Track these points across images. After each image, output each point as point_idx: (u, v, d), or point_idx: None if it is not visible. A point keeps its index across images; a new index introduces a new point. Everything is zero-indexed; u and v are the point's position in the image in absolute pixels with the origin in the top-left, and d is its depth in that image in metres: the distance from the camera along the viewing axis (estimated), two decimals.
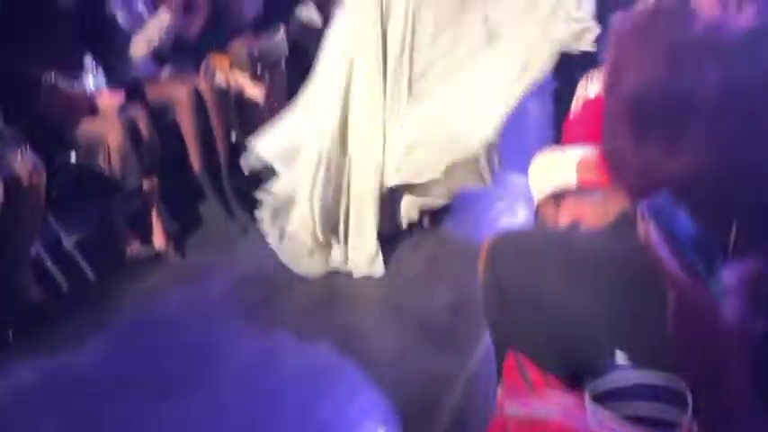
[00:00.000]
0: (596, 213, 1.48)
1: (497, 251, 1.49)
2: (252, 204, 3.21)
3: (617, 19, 1.22)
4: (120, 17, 2.88)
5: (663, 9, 1.17)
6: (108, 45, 2.73)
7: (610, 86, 1.20)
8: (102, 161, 2.52)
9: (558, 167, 1.83)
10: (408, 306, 2.62)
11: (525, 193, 2.25)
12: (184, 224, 3.03)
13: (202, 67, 3.03)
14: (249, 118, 3.22)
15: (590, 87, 2.58)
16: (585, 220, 1.53)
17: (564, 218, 1.59)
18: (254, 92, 3.11)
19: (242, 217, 3.06)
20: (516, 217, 3.19)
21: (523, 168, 2.46)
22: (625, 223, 1.42)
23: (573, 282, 1.31)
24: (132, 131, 2.60)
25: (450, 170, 2.67)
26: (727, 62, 1.06)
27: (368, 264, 2.75)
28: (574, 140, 2.15)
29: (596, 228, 1.47)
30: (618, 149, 1.16)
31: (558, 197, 1.69)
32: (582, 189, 1.67)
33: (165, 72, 2.98)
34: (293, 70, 3.49)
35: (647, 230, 0.84)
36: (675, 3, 1.25)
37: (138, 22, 2.94)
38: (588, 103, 2.44)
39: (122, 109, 2.60)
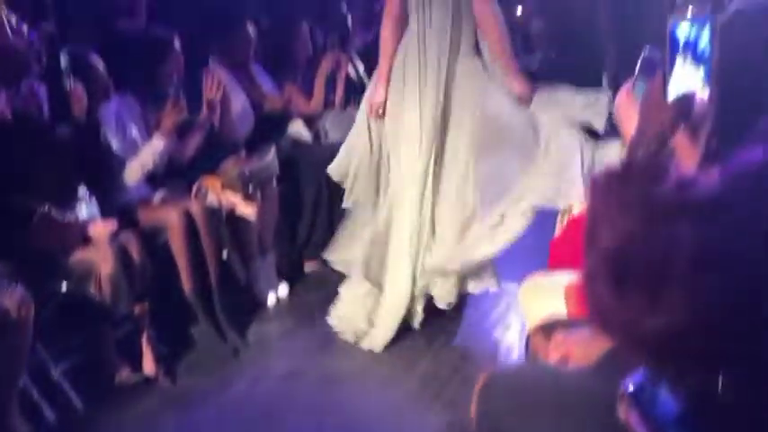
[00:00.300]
0: (583, 351, 1.49)
1: (492, 389, 1.49)
2: (243, 324, 3.20)
3: (593, 174, 1.27)
4: (115, 144, 2.96)
5: (635, 165, 1.21)
6: (102, 173, 2.79)
7: (588, 241, 1.22)
8: (93, 289, 2.53)
9: (547, 295, 1.84)
10: (406, 427, 2.57)
11: (517, 302, 2.27)
12: (175, 347, 3.00)
13: (194, 188, 3.09)
14: (241, 235, 3.25)
15: (575, 206, 2.64)
16: (573, 357, 1.53)
17: (553, 353, 1.59)
18: (246, 210, 3.16)
19: (233, 338, 3.03)
20: (510, 329, 3.18)
21: (515, 276, 2.47)
22: (609, 365, 1.42)
23: (563, 429, 1.30)
24: (124, 257, 2.61)
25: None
26: (700, 220, 1.09)
27: (377, 337, 2.99)
28: (560, 262, 2.18)
29: (583, 367, 1.47)
30: (599, 303, 1.17)
31: (547, 329, 1.69)
32: (570, 320, 1.68)
33: (158, 195, 3.02)
34: (284, 185, 3.56)
35: (627, 410, 0.84)
36: (647, 159, 1.30)
37: (133, 147, 3.01)
38: (573, 222, 2.48)
39: (114, 236, 2.63)
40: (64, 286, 2.55)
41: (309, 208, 3.62)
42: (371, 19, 5.46)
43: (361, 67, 4.53)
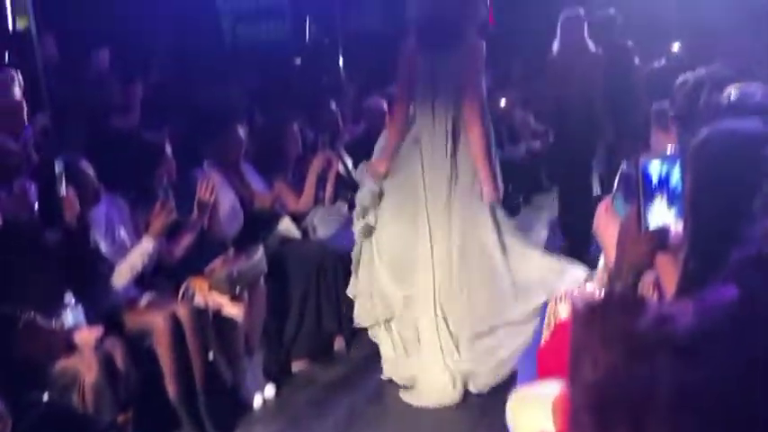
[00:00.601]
0: None
1: None
2: (229, 428, 3.13)
3: (574, 305, 1.29)
4: (104, 247, 2.97)
5: (614, 299, 1.24)
6: (90, 279, 2.79)
7: (571, 372, 1.23)
8: (76, 399, 2.48)
9: (534, 409, 1.82)
10: None
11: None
12: None
13: (181, 290, 3.09)
14: (227, 336, 3.22)
15: (560, 307, 2.65)
16: None
17: None
18: (233, 311, 3.14)
19: None
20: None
21: None
22: None
23: None
24: (108, 365, 2.58)
25: None
26: (679, 356, 1.10)
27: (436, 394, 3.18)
28: (549, 370, 2.17)
29: None
30: None
31: None
32: None
33: (145, 298, 3.01)
34: (272, 282, 3.56)
35: None
36: (626, 292, 1.33)
37: (122, 249, 3.02)
38: (560, 327, 2.48)
39: (99, 342, 2.60)
40: (45, 396, 2.50)
41: (297, 305, 3.61)
42: (360, 114, 5.63)
43: (349, 162, 4.62)
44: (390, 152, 3.25)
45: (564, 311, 2.60)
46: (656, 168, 1.32)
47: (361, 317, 3.42)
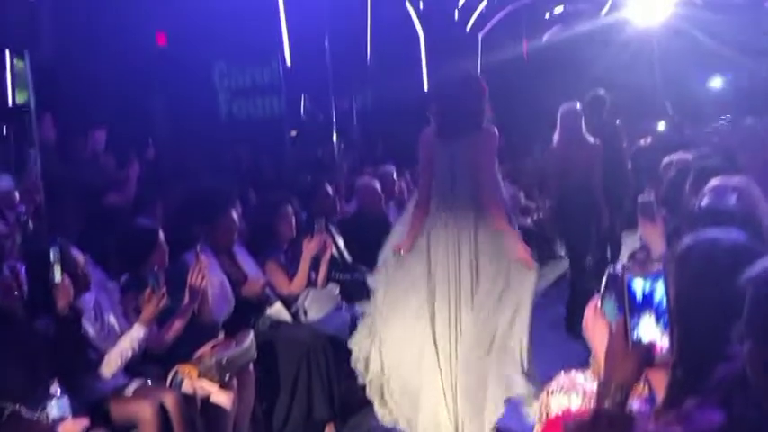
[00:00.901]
0: None
1: None
2: None
3: (566, 424, 1.30)
4: (93, 333, 2.94)
5: (603, 419, 1.24)
6: (78, 369, 2.76)
7: None
8: None
9: None
10: None
11: None
12: None
13: (170, 376, 3.04)
14: (215, 423, 3.15)
15: (552, 400, 2.63)
16: None
17: None
18: (222, 398, 3.09)
19: None
20: None
21: None
22: None
23: None
24: None
25: None
26: None
27: None
28: None
29: None
30: None
31: None
32: None
33: (132, 386, 2.96)
34: (261, 366, 3.51)
35: None
36: (614, 412, 1.33)
37: (111, 336, 2.99)
38: (550, 423, 2.46)
39: None
40: None
41: (287, 391, 3.55)
42: (352, 191, 5.69)
43: (341, 242, 4.64)
44: (416, 231, 3.48)
45: (555, 405, 2.57)
46: (639, 285, 1.34)
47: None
